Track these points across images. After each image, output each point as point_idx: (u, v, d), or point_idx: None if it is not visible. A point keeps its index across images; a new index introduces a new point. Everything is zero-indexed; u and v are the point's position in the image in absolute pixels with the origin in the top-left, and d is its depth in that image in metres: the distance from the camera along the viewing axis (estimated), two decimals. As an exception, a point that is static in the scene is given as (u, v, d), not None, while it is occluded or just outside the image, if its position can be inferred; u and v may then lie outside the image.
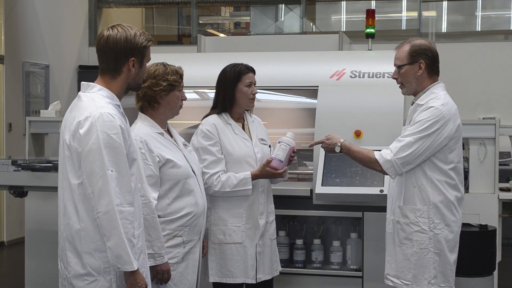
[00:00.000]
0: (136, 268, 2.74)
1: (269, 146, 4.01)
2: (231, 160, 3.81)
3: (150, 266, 3.25)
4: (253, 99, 3.90)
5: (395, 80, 3.70)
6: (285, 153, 3.81)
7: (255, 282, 3.85)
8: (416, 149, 3.45)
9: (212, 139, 3.79)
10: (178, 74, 3.51)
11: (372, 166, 3.60)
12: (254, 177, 3.80)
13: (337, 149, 3.67)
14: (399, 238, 3.56)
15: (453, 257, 3.56)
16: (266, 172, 3.81)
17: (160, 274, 3.32)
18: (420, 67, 3.57)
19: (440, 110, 3.46)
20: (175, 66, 3.53)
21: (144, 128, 3.43)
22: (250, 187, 3.78)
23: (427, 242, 3.49)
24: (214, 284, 3.88)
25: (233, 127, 3.87)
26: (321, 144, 3.77)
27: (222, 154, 3.80)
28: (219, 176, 3.76)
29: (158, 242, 3.29)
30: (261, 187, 3.88)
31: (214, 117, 3.87)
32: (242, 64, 3.90)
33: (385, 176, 4.18)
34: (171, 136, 3.56)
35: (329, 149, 3.74)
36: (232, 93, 3.86)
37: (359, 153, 3.63)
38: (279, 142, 3.84)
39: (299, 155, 4.97)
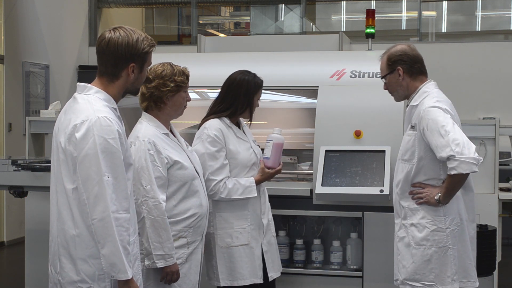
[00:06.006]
0: (130, 277, 2.67)
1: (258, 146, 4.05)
2: (236, 163, 3.82)
3: (160, 268, 3.27)
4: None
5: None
6: (269, 149, 3.88)
7: (262, 282, 3.87)
8: (456, 132, 3.36)
9: (219, 145, 3.78)
10: (185, 75, 3.50)
11: (463, 179, 3.42)
12: (257, 182, 3.85)
13: (437, 197, 3.49)
14: (415, 240, 3.53)
15: (472, 251, 3.58)
16: (266, 174, 3.88)
17: (170, 275, 3.32)
18: (399, 73, 3.60)
19: (436, 106, 3.46)
20: (181, 67, 3.51)
21: (150, 129, 3.40)
22: (255, 194, 3.82)
23: (445, 239, 3.50)
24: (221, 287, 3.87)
25: (235, 131, 3.88)
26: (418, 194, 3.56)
27: (226, 159, 3.80)
28: (225, 183, 3.76)
29: (168, 243, 3.28)
30: (261, 187, 3.93)
31: (217, 122, 3.84)
32: (258, 77, 3.92)
33: (385, 176, 4.18)
34: (175, 136, 3.54)
35: (428, 199, 3.52)
36: (250, 102, 3.88)
37: (451, 187, 3.43)
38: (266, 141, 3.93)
39: (299, 155, 4.97)
